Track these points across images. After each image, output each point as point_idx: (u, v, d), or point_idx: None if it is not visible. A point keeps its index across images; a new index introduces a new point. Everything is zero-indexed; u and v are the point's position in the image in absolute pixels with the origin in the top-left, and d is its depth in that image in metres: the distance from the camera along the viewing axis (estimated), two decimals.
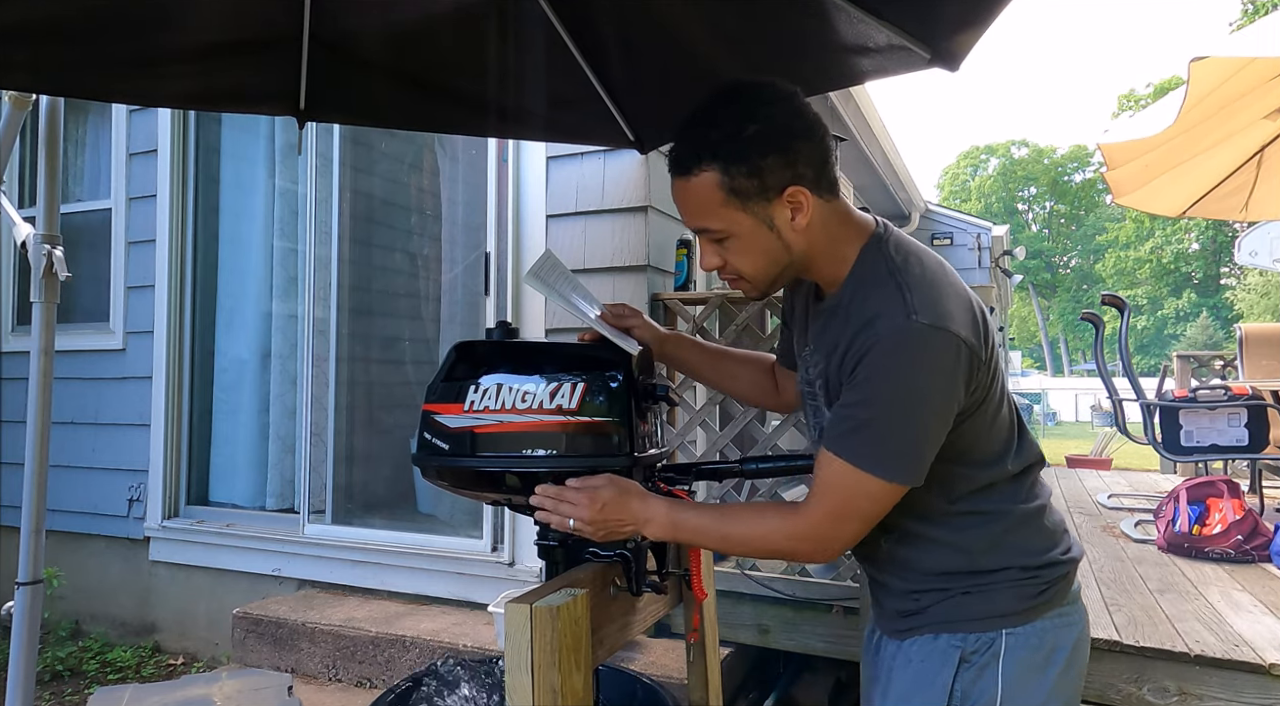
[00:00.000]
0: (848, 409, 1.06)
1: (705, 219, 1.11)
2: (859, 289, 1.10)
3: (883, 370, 1.03)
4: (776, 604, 2.67)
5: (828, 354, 1.12)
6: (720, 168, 1.06)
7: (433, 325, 4.13)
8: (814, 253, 1.13)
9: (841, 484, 1.06)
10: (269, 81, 2.02)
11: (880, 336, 1.03)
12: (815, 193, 1.09)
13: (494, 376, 1.12)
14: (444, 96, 2.21)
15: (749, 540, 1.12)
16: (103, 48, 1.70)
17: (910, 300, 1.04)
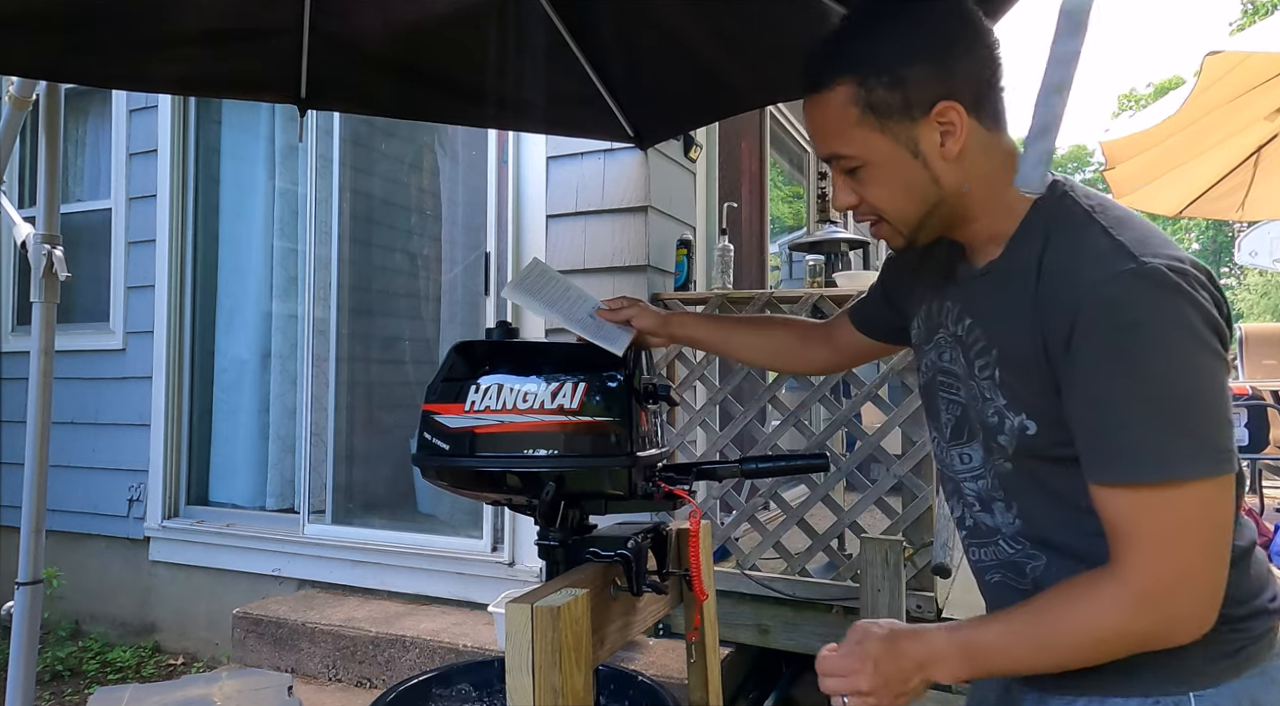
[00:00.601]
0: (1102, 410, 0.81)
1: (836, 142, 0.92)
2: (1047, 240, 0.87)
3: (1131, 339, 0.79)
4: (776, 604, 2.66)
5: (1004, 328, 0.90)
6: (856, 79, 0.88)
7: (433, 325, 4.13)
8: (973, 194, 0.91)
9: (1154, 511, 0.79)
10: (269, 68, 2.02)
11: (1106, 296, 0.79)
12: (973, 115, 0.88)
13: (494, 376, 1.12)
14: (444, 86, 2.21)
15: (1071, 633, 0.82)
16: (101, 32, 1.70)
17: (1130, 242, 0.81)
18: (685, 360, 2.88)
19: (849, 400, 2.72)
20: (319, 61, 1.99)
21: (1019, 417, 0.89)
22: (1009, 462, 0.93)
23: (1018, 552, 0.96)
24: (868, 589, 2.13)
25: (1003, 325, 0.91)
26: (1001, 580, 1.00)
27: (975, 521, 1.02)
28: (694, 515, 1.22)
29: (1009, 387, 0.90)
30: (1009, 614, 0.88)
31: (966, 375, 0.96)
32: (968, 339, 0.95)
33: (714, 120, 2.72)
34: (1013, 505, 0.95)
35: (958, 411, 1.00)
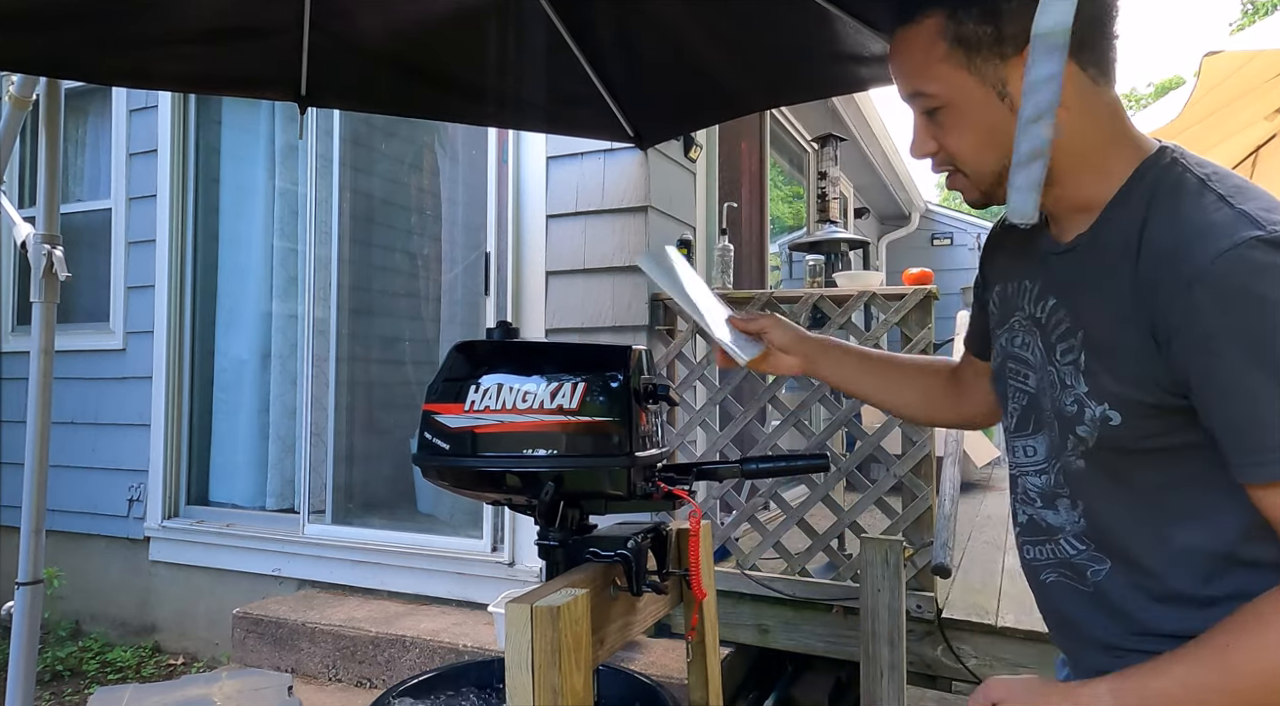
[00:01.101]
0: (1246, 402, 0.71)
1: (919, 79, 0.84)
2: (1150, 210, 0.77)
3: (1266, 317, 0.69)
4: (776, 604, 2.67)
5: (1094, 309, 0.81)
6: (947, 10, 0.81)
7: (433, 325, 4.13)
8: (1066, 145, 0.80)
9: None
10: (270, 66, 2.02)
11: (1230, 270, 0.70)
12: (1074, 59, 0.77)
13: (494, 376, 1.12)
14: (444, 84, 2.22)
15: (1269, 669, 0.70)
16: (102, 29, 1.70)
17: (1253, 210, 0.72)
18: (685, 360, 2.88)
19: (849, 400, 2.72)
20: (319, 59, 1.99)
21: (1101, 407, 0.80)
22: (1081, 459, 0.85)
23: (1079, 554, 0.89)
24: (868, 589, 2.13)
25: (1092, 305, 0.82)
26: (1059, 580, 0.92)
27: (1033, 518, 0.95)
28: (694, 515, 1.22)
29: (1094, 375, 0.81)
30: (1182, 654, 0.74)
31: (1043, 361, 0.88)
32: (1049, 321, 0.87)
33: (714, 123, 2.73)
34: (1079, 503, 0.88)
35: (1024, 401, 0.94)
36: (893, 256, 8.50)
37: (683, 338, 2.86)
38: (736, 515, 2.79)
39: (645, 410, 1.16)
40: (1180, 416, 0.77)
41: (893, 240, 8.62)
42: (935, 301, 2.57)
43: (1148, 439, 0.80)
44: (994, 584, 2.90)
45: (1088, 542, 0.88)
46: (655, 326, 2.95)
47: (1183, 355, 0.74)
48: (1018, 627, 2.41)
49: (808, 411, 2.78)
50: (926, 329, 2.51)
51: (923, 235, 8.66)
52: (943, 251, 8.54)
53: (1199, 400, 0.75)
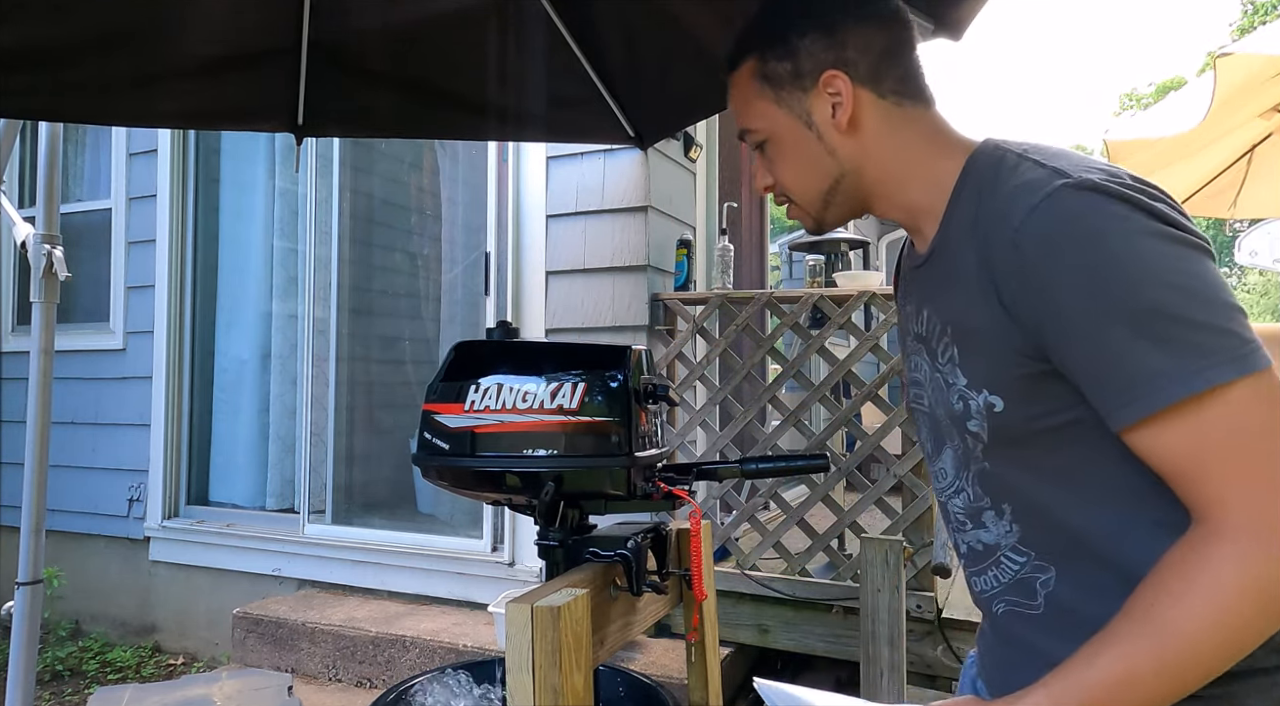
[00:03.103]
0: (1094, 346, 0.70)
1: (743, 117, 0.94)
2: (980, 196, 0.80)
3: (1092, 254, 0.70)
4: (776, 604, 2.67)
5: (954, 301, 0.83)
6: (757, 53, 0.90)
7: (433, 325, 4.13)
8: (878, 165, 0.88)
9: (1209, 430, 0.68)
10: (266, 97, 2.02)
11: (1047, 217, 0.72)
12: (865, 85, 0.86)
13: (494, 376, 1.12)
14: (444, 102, 2.21)
15: (1199, 624, 0.66)
16: (97, 71, 1.70)
17: (1065, 165, 0.75)
18: (685, 360, 2.88)
19: (849, 400, 2.72)
20: (317, 85, 1.99)
21: (982, 395, 0.81)
22: (985, 460, 0.85)
23: (1022, 567, 0.85)
24: (868, 589, 2.13)
25: (952, 298, 0.84)
26: (1009, 609, 0.87)
27: (970, 544, 0.91)
28: (694, 515, 1.22)
29: (968, 363, 0.82)
30: (1109, 636, 0.70)
31: (930, 372, 0.89)
32: (928, 332, 0.88)
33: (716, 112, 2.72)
34: (1004, 509, 0.86)
35: (926, 423, 0.95)
36: (892, 256, 8.49)
37: (683, 337, 2.86)
38: (736, 515, 2.79)
39: (645, 410, 1.16)
40: (1057, 387, 0.76)
41: (892, 240, 8.62)
42: None
43: (1035, 420, 0.79)
44: None
45: (1026, 551, 0.85)
46: (655, 326, 2.95)
47: (1029, 315, 0.74)
48: None
49: (808, 411, 2.78)
50: None
51: None
52: None
53: (1058, 358, 0.74)
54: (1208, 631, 0.66)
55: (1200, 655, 0.67)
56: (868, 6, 0.88)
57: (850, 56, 0.86)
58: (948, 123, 0.89)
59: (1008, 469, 0.83)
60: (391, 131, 2.80)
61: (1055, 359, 0.75)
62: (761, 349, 2.82)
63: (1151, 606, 0.69)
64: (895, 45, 0.88)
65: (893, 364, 2.56)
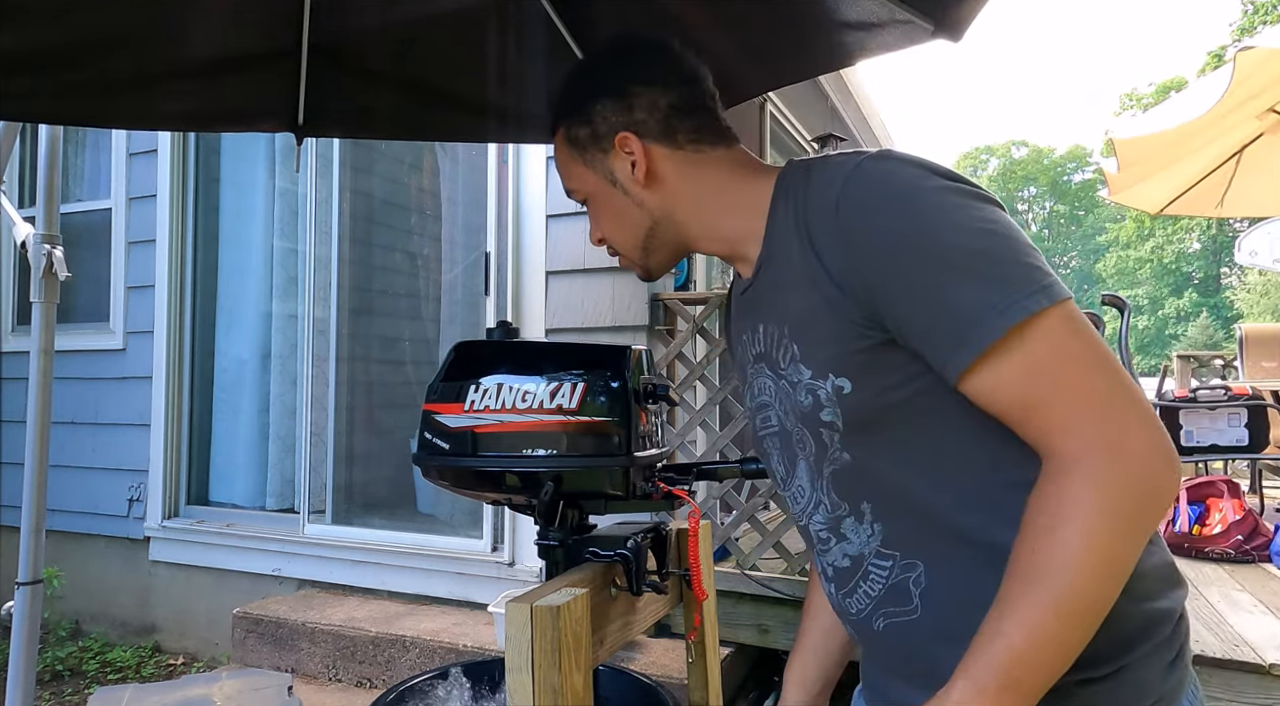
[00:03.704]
0: (917, 299, 0.73)
1: (564, 178, 1.04)
2: (797, 197, 0.84)
3: (898, 214, 0.75)
4: (776, 604, 2.67)
5: (788, 297, 0.85)
6: (563, 122, 0.99)
7: (433, 325, 4.13)
8: (687, 208, 0.94)
9: (1035, 363, 0.70)
10: (267, 98, 2.02)
11: (853, 188, 0.77)
12: (658, 141, 0.93)
13: (494, 376, 1.12)
14: (444, 103, 2.21)
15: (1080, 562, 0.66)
16: (97, 73, 1.69)
17: (857, 151, 0.82)
18: (685, 360, 2.88)
19: None
20: (317, 85, 1.99)
21: (829, 381, 0.81)
22: (844, 451, 0.83)
23: (890, 571, 0.84)
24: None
25: (785, 297, 0.85)
26: (889, 622, 0.85)
27: (835, 564, 0.90)
28: (694, 515, 1.22)
29: (810, 353, 0.83)
30: (999, 601, 0.70)
31: (775, 384, 0.89)
32: (766, 345, 0.89)
33: None
34: (863, 510, 0.85)
35: (776, 444, 0.94)
36: None
37: (683, 337, 2.86)
38: (736, 515, 2.79)
39: (645, 410, 1.16)
40: (898, 356, 0.78)
41: None
42: None
43: (885, 393, 0.79)
44: None
45: (891, 553, 0.84)
46: (655, 326, 2.95)
47: (856, 281, 0.77)
48: None
49: None
50: None
51: None
52: None
53: (890, 319, 0.76)
54: (1088, 559, 0.67)
55: (1089, 585, 0.67)
56: (651, 71, 0.94)
57: (639, 117, 0.93)
58: (750, 155, 0.96)
59: (866, 455, 0.83)
60: (392, 133, 2.79)
61: (888, 321, 0.77)
62: None
63: (1030, 556, 0.69)
64: (682, 101, 0.94)
65: None
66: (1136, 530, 0.69)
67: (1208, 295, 38.70)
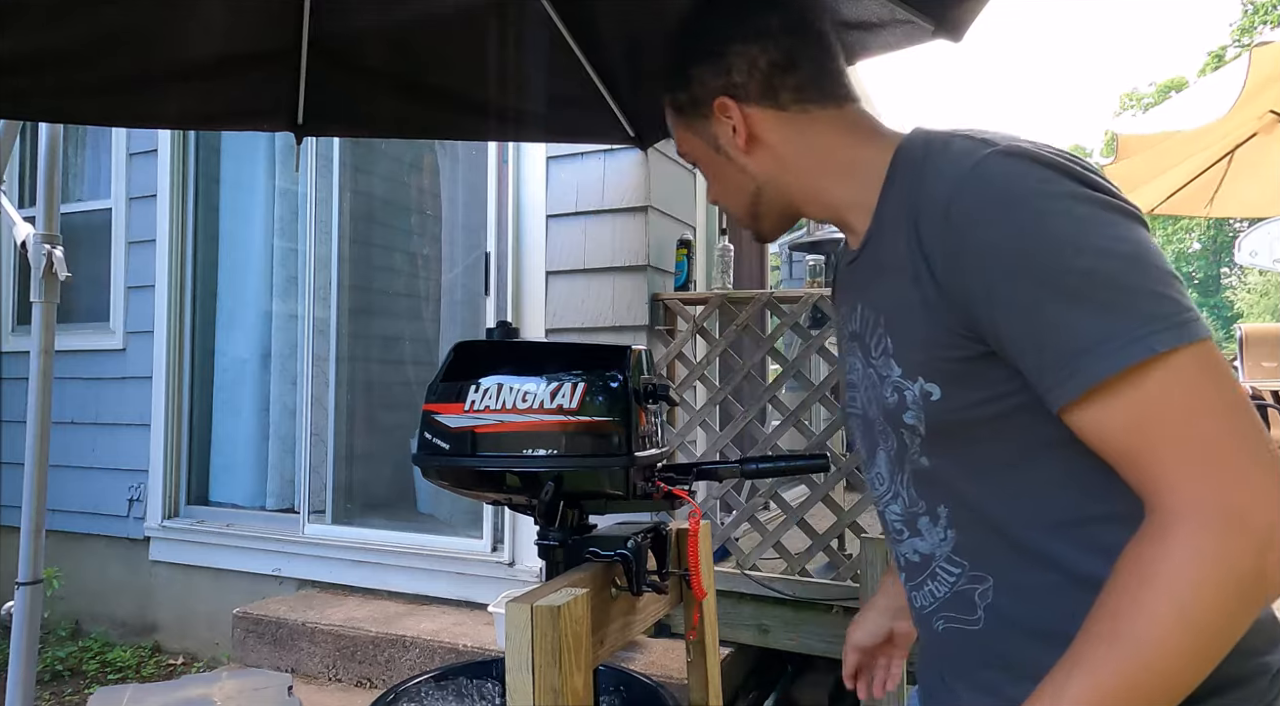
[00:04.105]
0: (1027, 319, 0.67)
1: (677, 144, 1.00)
2: (912, 175, 0.77)
3: (1019, 221, 0.67)
4: (776, 604, 2.67)
5: (887, 285, 0.80)
6: (669, 89, 0.96)
7: (433, 325, 4.13)
8: (794, 171, 0.89)
9: (1155, 405, 0.63)
10: (266, 98, 2.02)
11: (974, 186, 0.70)
12: (759, 103, 0.88)
13: (494, 376, 1.12)
14: (444, 102, 2.21)
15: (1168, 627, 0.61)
16: (98, 73, 1.70)
17: (988, 137, 0.73)
18: (685, 360, 2.88)
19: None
20: (317, 84, 1.99)
21: (917, 384, 0.77)
22: (924, 456, 0.80)
23: (958, 579, 0.81)
24: (868, 589, 2.13)
25: (885, 286, 0.80)
26: (948, 626, 0.83)
27: (907, 556, 0.88)
28: (694, 515, 1.22)
29: (902, 351, 0.78)
30: (1071, 655, 0.64)
31: (864, 370, 0.86)
32: (862, 328, 0.85)
33: None
34: (939, 513, 0.82)
35: (859, 426, 0.91)
36: None
37: (683, 337, 2.86)
38: (736, 515, 2.79)
39: (645, 410, 1.16)
40: (996, 371, 0.73)
41: None
42: None
43: (974, 408, 0.75)
44: None
45: (961, 562, 0.81)
46: (655, 326, 2.95)
47: (960, 289, 0.71)
48: None
49: (808, 411, 2.78)
50: None
51: None
52: None
53: (992, 334, 0.70)
54: (1174, 632, 0.61)
55: (1171, 659, 0.61)
56: (750, 25, 0.88)
57: (736, 80, 0.88)
58: (869, 117, 0.89)
59: (946, 465, 0.79)
60: (391, 131, 2.79)
61: (989, 336, 0.71)
62: (761, 349, 2.82)
63: (1113, 615, 0.63)
64: (783, 57, 0.87)
65: None
66: (1243, 609, 0.61)
67: (1208, 295, 38.71)
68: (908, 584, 0.90)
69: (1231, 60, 3.03)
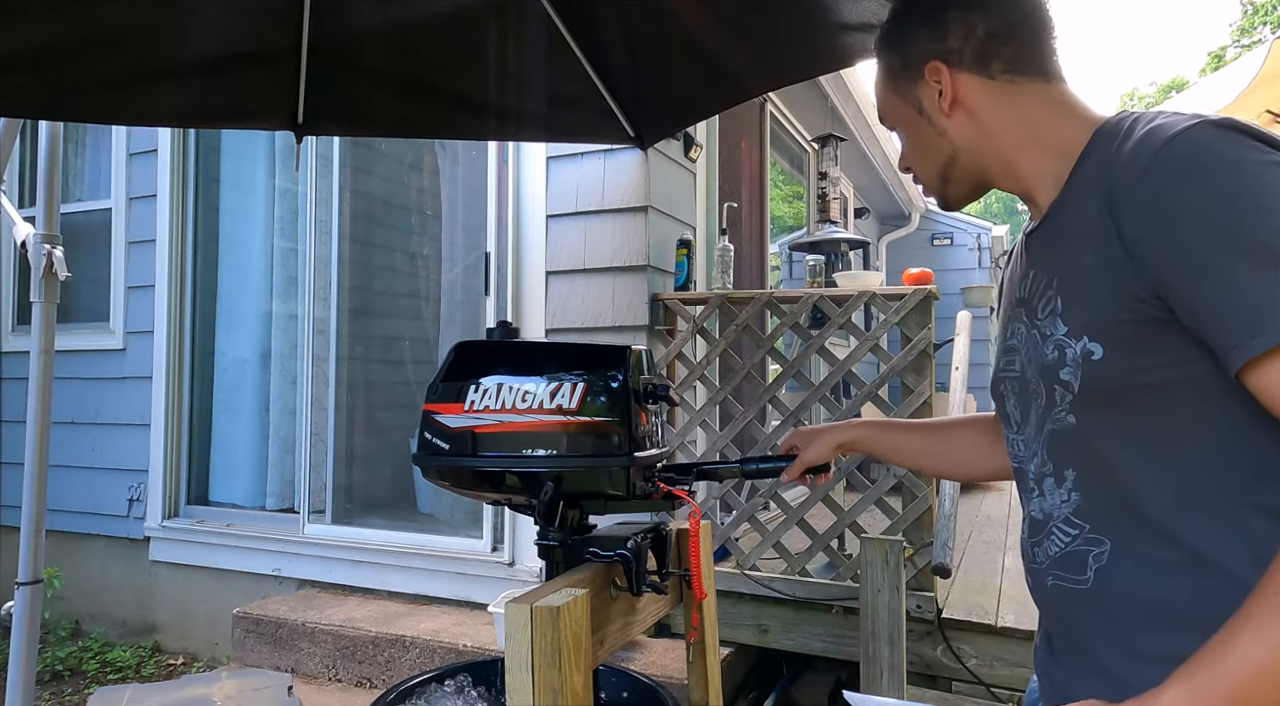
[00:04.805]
0: (1221, 277, 0.68)
1: (880, 110, 1.02)
2: (1111, 147, 0.79)
3: (1222, 183, 0.69)
4: (776, 604, 2.67)
5: (1067, 249, 0.82)
6: (881, 51, 0.99)
7: (433, 325, 4.13)
8: (992, 140, 0.91)
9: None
10: (266, 96, 2.02)
11: (1176, 150, 0.71)
12: (970, 69, 0.90)
13: (494, 376, 1.12)
14: (444, 102, 2.21)
15: None
16: (98, 70, 1.70)
17: (1190, 116, 0.74)
18: (685, 360, 2.88)
19: (849, 400, 2.72)
20: (317, 84, 1.99)
21: (1081, 342, 0.79)
22: (1070, 413, 0.82)
23: (1074, 540, 0.84)
24: (868, 589, 2.13)
25: (1064, 249, 0.83)
26: (1057, 583, 0.87)
27: (1032, 515, 0.91)
28: (694, 515, 1.22)
29: (1070, 310, 0.81)
30: (1240, 617, 0.66)
31: (1027, 334, 0.88)
32: (1031, 293, 0.88)
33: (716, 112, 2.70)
34: (1066, 475, 0.84)
35: (1015, 389, 0.93)
36: (893, 256, 8.50)
37: (683, 337, 2.86)
38: (736, 515, 2.79)
39: (645, 410, 1.16)
40: (1167, 339, 0.74)
41: (893, 240, 8.62)
42: (936, 302, 2.57)
43: (1136, 373, 0.76)
44: (994, 584, 2.90)
45: (1081, 523, 0.83)
46: (655, 326, 2.95)
47: (1152, 248, 0.72)
48: (1018, 628, 2.41)
49: (808, 411, 2.78)
50: (926, 329, 2.51)
51: (923, 235, 8.66)
52: (943, 251, 8.54)
53: (1177, 296, 0.71)
54: None
55: None
56: None
57: (952, 45, 0.91)
58: (1076, 97, 0.90)
59: (1090, 426, 0.81)
60: (391, 131, 2.79)
61: (1174, 298, 0.72)
62: (761, 349, 2.82)
63: (1272, 582, 0.65)
64: (1001, 27, 0.90)
65: (893, 363, 2.56)
66: None
67: None
68: (1029, 541, 0.92)
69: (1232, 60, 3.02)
